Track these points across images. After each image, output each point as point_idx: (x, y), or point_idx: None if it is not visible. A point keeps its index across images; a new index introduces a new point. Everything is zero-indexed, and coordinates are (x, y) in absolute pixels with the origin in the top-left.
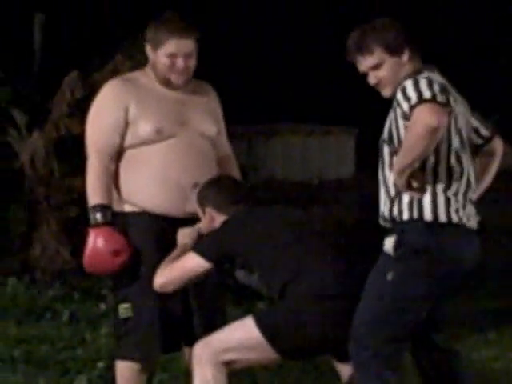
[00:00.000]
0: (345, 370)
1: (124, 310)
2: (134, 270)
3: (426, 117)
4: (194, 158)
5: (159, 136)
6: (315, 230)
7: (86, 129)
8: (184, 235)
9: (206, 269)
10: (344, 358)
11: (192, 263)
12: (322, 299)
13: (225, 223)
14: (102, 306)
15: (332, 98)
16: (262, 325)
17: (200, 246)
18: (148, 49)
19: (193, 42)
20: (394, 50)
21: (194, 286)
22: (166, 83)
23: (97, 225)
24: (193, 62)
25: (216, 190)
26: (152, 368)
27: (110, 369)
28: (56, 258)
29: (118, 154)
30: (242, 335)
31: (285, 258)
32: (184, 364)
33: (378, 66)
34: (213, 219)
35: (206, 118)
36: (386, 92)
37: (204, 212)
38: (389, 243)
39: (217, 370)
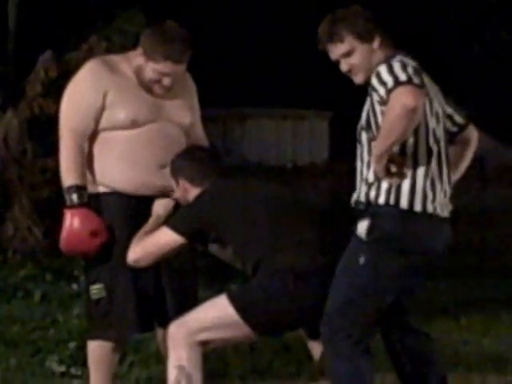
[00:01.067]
0: (317, 349)
1: (96, 290)
2: (106, 251)
3: (403, 98)
4: (166, 143)
5: (133, 125)
6: (289, 207)
7: (61, 107)
8: (159, 205)
9: (180, 244)
10: (316, 335)
11: (166, 238)
12: (295, 276)
13: (198, 197)
14: (74, 287)
15: (306, 82)
16: (235, 302)
17: (173, 221)
18: (140, 52)
19: (185, 64)
20: (364, 37)
21: (167, 267)
22: (146, 88)
23: (73, 206)
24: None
25: (189, 161)
26: (123, 348)
27: (82, 349)
28: (28, 238)
29: (91, 137)
30: (216, 314)
31: (259, 234)
32: (155, 345)
33: (349, 54)
34: (186, 191)
35: (181, 106)
36: (358, 79)
37: (177, 183)
38: (362, 227)
39: (192, 351)
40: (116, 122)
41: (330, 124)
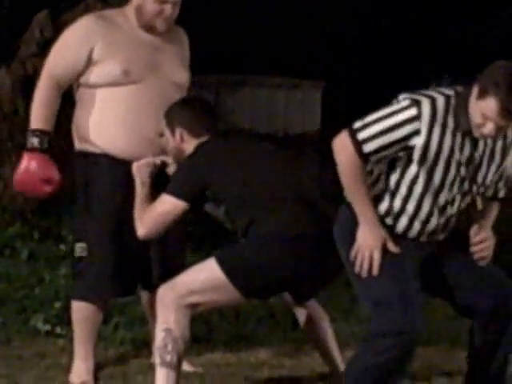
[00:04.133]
0: (303, 315)
1: (79, 249)
2: (92, 210)
3: None
4: (161, 103)
5: (126, 78)
6: (284, 170)
7: (48, 55)
8: (137, 169)
9: (184, 208)
10: (302, 299)
11: (168, 206)
12: (285, 239)
13: (193, 155)
14: (62, 247)
15: (300, 51)
16: (224, 265)
17: (172, 186)
18: None
19: None
20: None
21: None
22: (149, 28)
23: (32, 149)
24: (178, 10)
25: (189, 110)
26: (106, 309)
27: (67, 309)
28: (17, 197)
29: (82, 90)
30: (205, 276)
31: (252, 196)
32: (140, 308)
33: None
34: (183, 141)
35: (178, 64)
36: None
37: (173, 132)
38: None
39: (181, 314)
40: (108, 75)
41: (322, 94)
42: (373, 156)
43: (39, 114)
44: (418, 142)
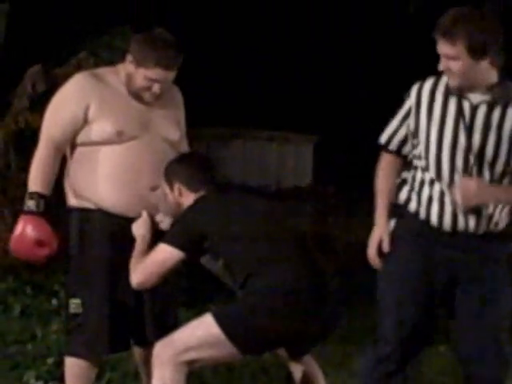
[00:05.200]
0: (297, 369)
1: (74, 305)
2: (87, 266)
3: None
4: (154, 160)
5: (120, 138)
6: (280, 224)
7: (44, 117)
8: (138, 226)
9: (179, 258)
10: (298, 354)
11: (164, 255)
12: (282, 294)
13: (192, 207)
14: (54, 302)
15: (293, 105)
16: (221, 321)
17: (169, 235)
18: (129, 59)
19: (175, 72)
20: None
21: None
22: (136, 97)
23: (28, 212)
24: (170, 82)
25: (187, 165)
26: (99, 366)
27: (60, 365)
28: (9, 252)
29: (76, 148)
30: (202, 333)
31: (250, 249)
32: (133, 364)
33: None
34: (181, 195)
35: (170, 122)
36: (452, 82)
37: (172, 188)
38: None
39: (176, 371)
40: (102, 135)
41: (314, 148)
42: (392, 146)
43: (37, 177)
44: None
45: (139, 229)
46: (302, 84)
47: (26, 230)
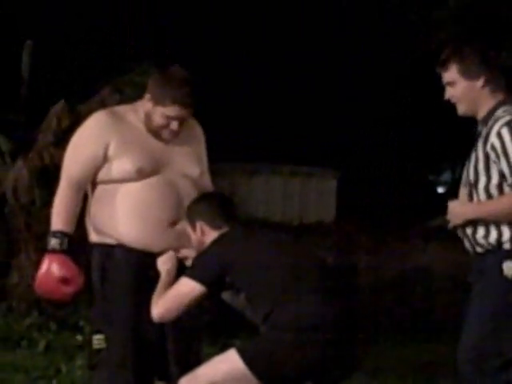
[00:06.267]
0: None
1: (98, 341)
2: (109, 301)
3: None
4: (175, 196)
5: (140, 175)
6: (302, 259)
7: (65, 155)
8: (163, 262)
9: (202, 292)
10: None
11: (186, 288)
12: (305, 330)
13: (215, 242)
14: (79, 337)
15: (315, 140)
16: (246, 357)
17: (192, 269)
18: (147, 97)
19: (192, 109)
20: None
21: (171, 322)
22: (155, 134)
23: (53, 251)
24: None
25: (208, 204)
26: None
27: None
28: (34, 287)
29: (96, 186)
30: (227, 368)
31: (273, 281)
32: None
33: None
34: (204, 234)
35: (189, 158)
36: (459, 110)
37: (194, 227)
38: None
39: None
40: (123, 173)
41: (337, 183)
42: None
43: (59, 215)
44: None
45: (164, 264)
46: (326, 119)
47: (51, 268)
